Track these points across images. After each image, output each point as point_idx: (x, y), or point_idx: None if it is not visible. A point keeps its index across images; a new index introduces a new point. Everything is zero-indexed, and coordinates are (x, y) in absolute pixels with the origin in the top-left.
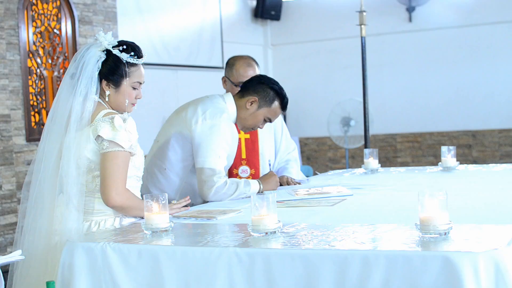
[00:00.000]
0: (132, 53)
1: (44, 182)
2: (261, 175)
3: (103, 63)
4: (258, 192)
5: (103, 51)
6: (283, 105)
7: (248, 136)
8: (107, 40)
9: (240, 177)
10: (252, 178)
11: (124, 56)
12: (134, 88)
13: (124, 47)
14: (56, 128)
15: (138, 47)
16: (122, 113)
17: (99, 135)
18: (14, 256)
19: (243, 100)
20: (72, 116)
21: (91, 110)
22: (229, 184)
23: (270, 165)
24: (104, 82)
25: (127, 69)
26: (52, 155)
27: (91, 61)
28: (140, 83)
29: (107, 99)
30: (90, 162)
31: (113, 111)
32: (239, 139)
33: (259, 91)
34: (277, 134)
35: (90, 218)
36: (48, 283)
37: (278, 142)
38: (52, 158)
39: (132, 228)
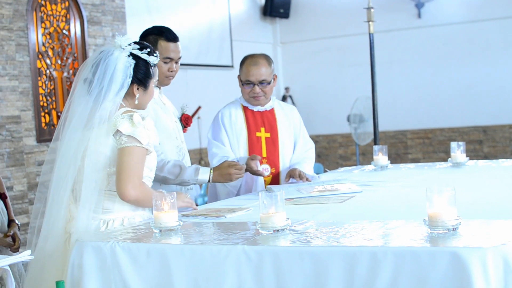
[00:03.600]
0: (155, 54)
1: (60, 181)
2: (281, 173)
3: (135, 68)
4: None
5: (129, 55)
6: (166, 37)
7: (268, 135)
8: (127, 43)
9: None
10: (273, 177)
11: (152, 59)
12: (155, 85)
13: (148, 49)
14: (72, 129)
15: (151, 46)
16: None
17: (118, 130)
18: (23, 256)
19: None
20: (95, 118)
21: (114, 111)
22: None
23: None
24: (135, 87)
25: (152, 69)
26: (68, 154)
27: (118, 68)
28: (157, 80)
29: (136, 102)
30: (106, 158)
31: (132, 109)
32: (259, 137)
33: None
34: (296, 132)
35: (99, 217)
36: (57, 283)
37: (296, 140)
38: (68, 158)
39: (141, 227)
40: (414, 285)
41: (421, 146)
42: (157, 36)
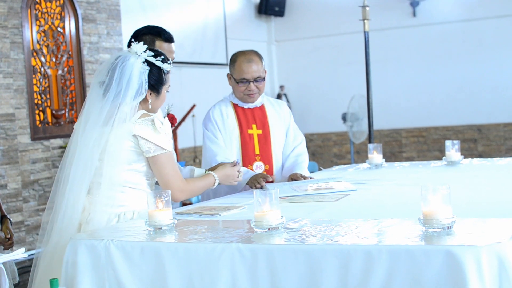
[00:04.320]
0: (168, 62)
1: (77, 177)
2: (274, 170)
3: (149, 74)
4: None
5: (144, 62)
6: (165, 38)
7: (260, 131)
8: (143, 49)
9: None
10: (267, 174)
11: (165, 66)
12: (167, 91)
13: (162, 57)
14: (89, 128)
15: (164, 54)
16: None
17: (140, 136)
18: (17, 254)
19: None
20: (115, 120)
21: (132, 114)
22: None
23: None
24: (148, 92)
25: (165, 76)
26: (86, 152)
27: (134, 73)
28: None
29: (150, 107)
30: (124, 156)
31: (147, 112)
32: (251, 134)
33: None
34: (286, 126)
35: (110, 210)
36: (51, 281)
37: (287, 134)
38: (85, 155)
39: (135, 225)
40: (408, 283)
41: (415, 144)
42: (154, 36)
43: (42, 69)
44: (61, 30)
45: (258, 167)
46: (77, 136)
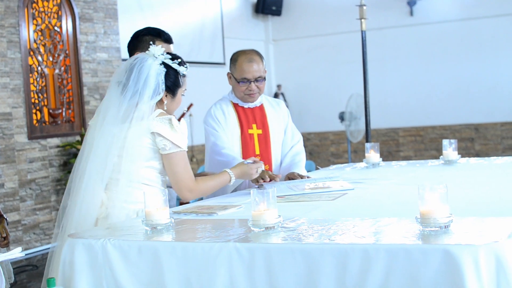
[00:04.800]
0: (185, 65)
1: (94, 173)
2: (273, 170)
3: (165, 76)
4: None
5: (161, 64)
6: (164, 39)
7: (260, 131)
8: (160, 52)
9: None
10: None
11: (181, 69)
12: (183, 95)
13: (179, 60)
14: (106, 125)
15: (181, 57)
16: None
17: (158, 133)
18: (14, 253)
19: None
20: (133, 118)
21: (149, 113)
22: None
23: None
24: (164, 93)
25: (181, 79)
26: (103, 148)
27: (151, 74)
28: (186, 90)
29: (165, 108)
30: (141, 153)
31: (164, 111)
32: (252, 134)
33: (137, 45)
34: (285, 125)
35: (128, 206)
36: (48, 280)
37: (285, 132)
38: (103, 151)
39: (132, 224)
40: (406, 282)
41: (412, 143)
42: (154, 37)
43: (39, 68)
44: (58, 29)
45: None
46: (93, 132)
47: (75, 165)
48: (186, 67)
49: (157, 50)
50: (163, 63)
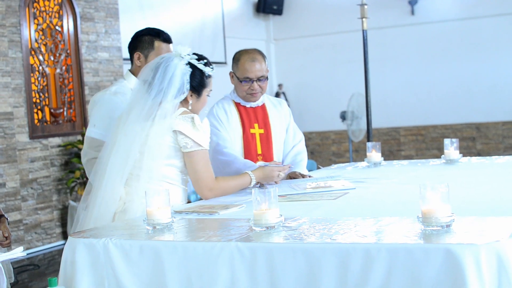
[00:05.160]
0: (211, 66)
1: (115, 168)
2: None
3: (191, 76)
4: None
5: (187, 64)
6: (163, 38)
7: (262, 131)
8: (187, 53)
9: None
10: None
11: (207, 70)
12: (208, 96)
13: (205, 61)
14: (130, 122)
15: (207, 58)
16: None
17: (179, 131)
18: (15, 253)
19: (132, 63)
20: (156, 116)
21: (172, 111)
22: None
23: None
24: (189, 93)
25: (206, 80)
26: (126, 145)
27: (177, 73)
28: (211, 90)
29: (190, 108)
30: (163, 151)
31: (188, 110)
32: (254, 134)
33: (137, 45)
34: (287, 125)
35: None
36: (50, 280)
37: (286, 131)
38: (125, 147)
39: (134, 223)
40: (407, 281)
41: (414, 143)
42: (153, 36)
43: (41, 67)
44: (59, 29)
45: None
46: (117, 129)
47: (97, 162)
48: (211, 68)
49: (183, 50)
50: (189, 63)
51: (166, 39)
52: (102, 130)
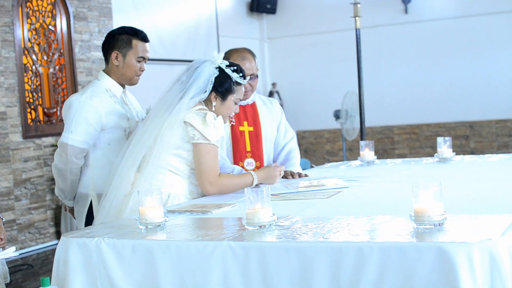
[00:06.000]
0: (240, 74)
1: (130, 155)
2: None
3: (216, 78)
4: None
5: (216, 68)
6: (141, 37)
7: (251, 128)
8: (220, 59)
9: (247, 170)
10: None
11: (234, 76)
12: (235, 103)
13: (235, 67)
14: (154, 115)
15: (243, 69)
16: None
17: (189, 123)
18: (8, 253)
19: (108, 63)
20: (174, 109)
21: (189, 106)
22: None
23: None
24: (213, 94)
25: (234, 87)
26: (143, 134)
27: (203, 74)
28: (240, 100)
29: (213, 109)
30: (173, 142)
31: (205, 108)
32: (243, 131)
33: (114, 44)
34: (278, 123)
35: (167, 190)
36: (42, 280)
37: (277, 129)
38: (141, 137)
39: (127, 223)
40: (400, 280)
41: (407, 141)
42: (131, 35)
43: (34, 67)
44: (53, 28)
45: (249, 164)
46: (145, 119)
47: (125, 145)
48: (241, 76)
49: (217, 56)
50: (219, 67)
51: (144, 37)
52: (80, 137)
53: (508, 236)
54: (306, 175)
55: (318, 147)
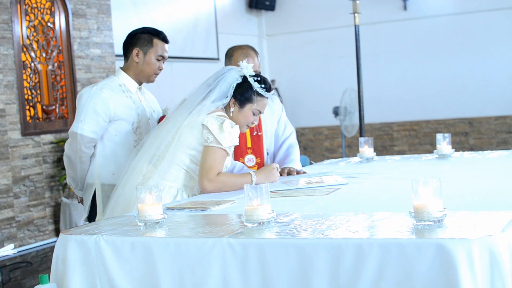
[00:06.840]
0: (263, 86)
1: (145, 150)
2: (265, 163)
3: (238, 85)
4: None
5: (241, 76)
6: (162, 38)
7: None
8: (248, 69)
9: (247, 166)
10: (258, 167)
11: (256, 85)
12: (254, 114)
13: (259, 78)
14: (176, 115)
15: (269, 83)
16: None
17: (206, 126)
18: (6, 250)
19: (129, 60)
20: (194, 110)
21: (209, 110)
22: None
23: (267, 154)
24: (232, 100)
25: (254, 97)
26: (161, 131)
27: (227, 80)
28: (261, 112)
29: (231, 114)
30: (188, 142)
31: (224, 114)
32: None
33: (136, 42)
34: (278, 119)
35: (164, 183)
36: (41, 277)
37: (277, 125)
38: (159, 134)
39: (125, 220)
40: (399, 277)
41: (407, 138)
42: (152, 35)
43: (32, 64)
44: (51, 25)
45: (250, 160)
46: (165, 118)
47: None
48: (263, 88)
49: (245, 65)
50: (243, 76)
51: (164, 38)
52: (89, 126)
53: (508, 232)
54: (304, 172)
55: (317, 144)
